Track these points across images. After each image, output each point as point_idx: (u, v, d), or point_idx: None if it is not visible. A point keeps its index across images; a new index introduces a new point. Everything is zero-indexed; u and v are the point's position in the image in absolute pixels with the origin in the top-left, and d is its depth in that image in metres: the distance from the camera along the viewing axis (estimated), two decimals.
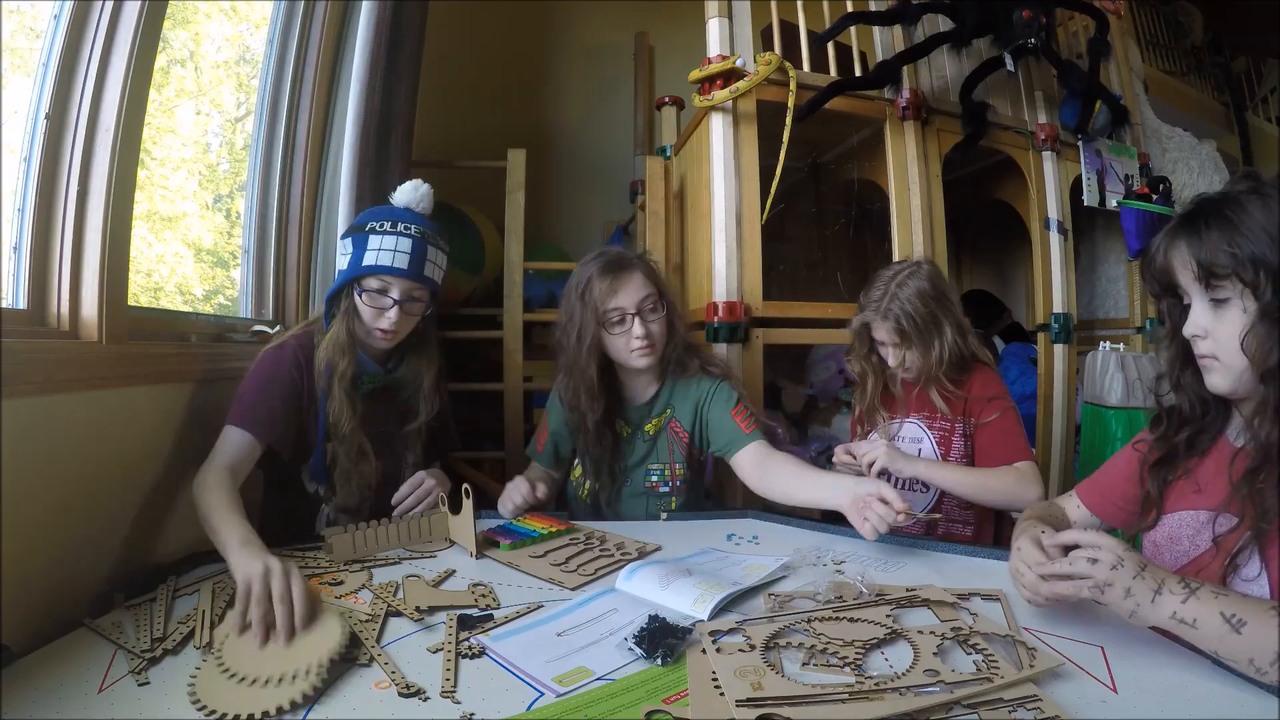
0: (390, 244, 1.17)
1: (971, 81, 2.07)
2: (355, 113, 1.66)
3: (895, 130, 2.04)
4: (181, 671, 0.69)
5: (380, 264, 1.16)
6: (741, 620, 0.78)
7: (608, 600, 0.87)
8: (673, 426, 1.36)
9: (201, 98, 1.66)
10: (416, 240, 1.19)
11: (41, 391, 0.84)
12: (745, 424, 1.29)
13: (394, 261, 1.16)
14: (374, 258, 1.16)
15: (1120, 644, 0.72)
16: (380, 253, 1.16)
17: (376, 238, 1.17)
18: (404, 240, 1.18)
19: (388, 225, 1.18)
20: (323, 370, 1.17)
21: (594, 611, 0.84)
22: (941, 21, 2.09)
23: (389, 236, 1.17)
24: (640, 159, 2.83)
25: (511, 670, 0.69)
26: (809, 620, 0.77)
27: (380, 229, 1.18)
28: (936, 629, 0.74)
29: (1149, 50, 3.28)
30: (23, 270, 0.97)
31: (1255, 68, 3.94)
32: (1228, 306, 0.74)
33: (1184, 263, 0.76)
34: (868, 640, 0.71)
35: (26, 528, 0.79)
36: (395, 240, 1.17)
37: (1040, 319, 2.29)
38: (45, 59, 1.01)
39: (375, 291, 1.18)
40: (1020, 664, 0.66)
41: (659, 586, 0.87)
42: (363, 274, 1.17)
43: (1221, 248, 0.72)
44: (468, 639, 0.76)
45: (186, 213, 1.64)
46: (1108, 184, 2.35)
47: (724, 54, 1.84)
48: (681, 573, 0.90)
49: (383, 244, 1.17)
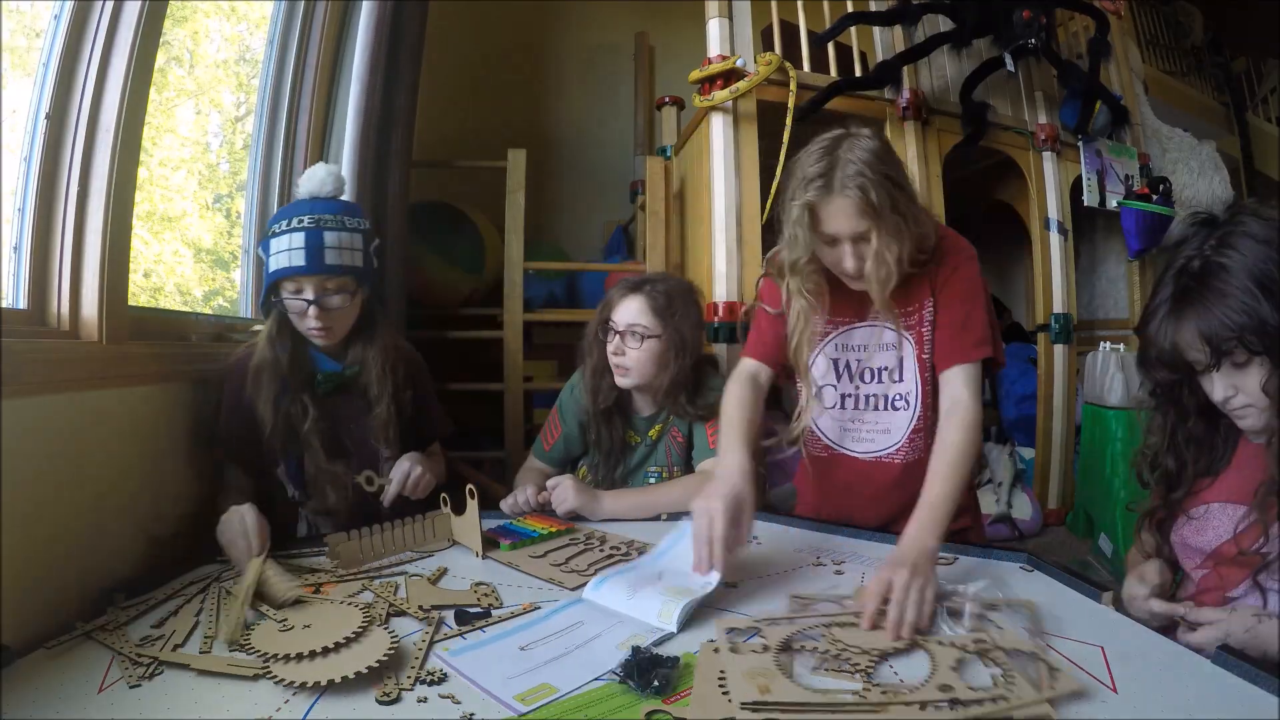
0: (285, 244, 1.12)
1: (971, 81, 2.08)
2: (355, 112, 1.66)
3: (895, 130, 2.04)
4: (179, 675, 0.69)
5: (279, 267, 1.12)
6: (760, 620, 0.76)
7: (575, 611, 0.83)
8: (672, 433, 1.39)
9: (201, 97, 1.66)
10: (310, 232, 1.13)
11: (41, 391, 0.84)
12: (715, 439, 1.28)
13: (291, 261, 1.12)
14: (275, 262, 1.13)
15: (1120, 644, 0.72)
16: (278, 255, 1.13)
17: (276, 240, 1.14)
18: (297, 236, 1.12)
19: (283, 224, 1.14)
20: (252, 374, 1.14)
21: (560, 624, 0.80)
22: (941, 21, 2.10)
23: (283, 236, 1.13)
24: (640, 159, 2.83)
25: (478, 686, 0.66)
26: (828, 625, 0.75)
27: (278, 230, 1.14)
28: (958, 640, 0.71)
29: (1149, 50, 3.28)
30: (23, 270, 0.97)
31: (1255, 68, 3.94)
32: (1248, 366, 0.77)
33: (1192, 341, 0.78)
34: (885, 650, 0.69)
35: (26, 527, 0.79)
36: (289, 239, 1.12)
37: (1040, 319, 2.30)
38: (45, 59, 1.01)
39: (291, 295, 1.14)
40: (1040, 683, 0.63)
41: (626, 596, 0.84)
42: (272, 280, 1.14)
43: (1228, 322, 0.74)
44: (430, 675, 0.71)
45: (186, 212, 1.64)
46: (1108, 184, 2.36)
47: (724, 54, 1.84)
48: (650, 579, 0.87)
49: (280, 246, 1.13)
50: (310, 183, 1.18)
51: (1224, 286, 0.75)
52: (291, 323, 1.16)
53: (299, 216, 1.14)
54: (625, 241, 3.02)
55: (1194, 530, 0.86)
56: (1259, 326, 0.73)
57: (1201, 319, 0.76)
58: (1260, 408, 0.78)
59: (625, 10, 3.22)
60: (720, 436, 1.09)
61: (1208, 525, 0.84)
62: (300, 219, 1.14)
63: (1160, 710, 0.60)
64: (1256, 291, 0.73)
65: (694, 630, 0.78)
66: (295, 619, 0.77)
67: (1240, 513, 0.81)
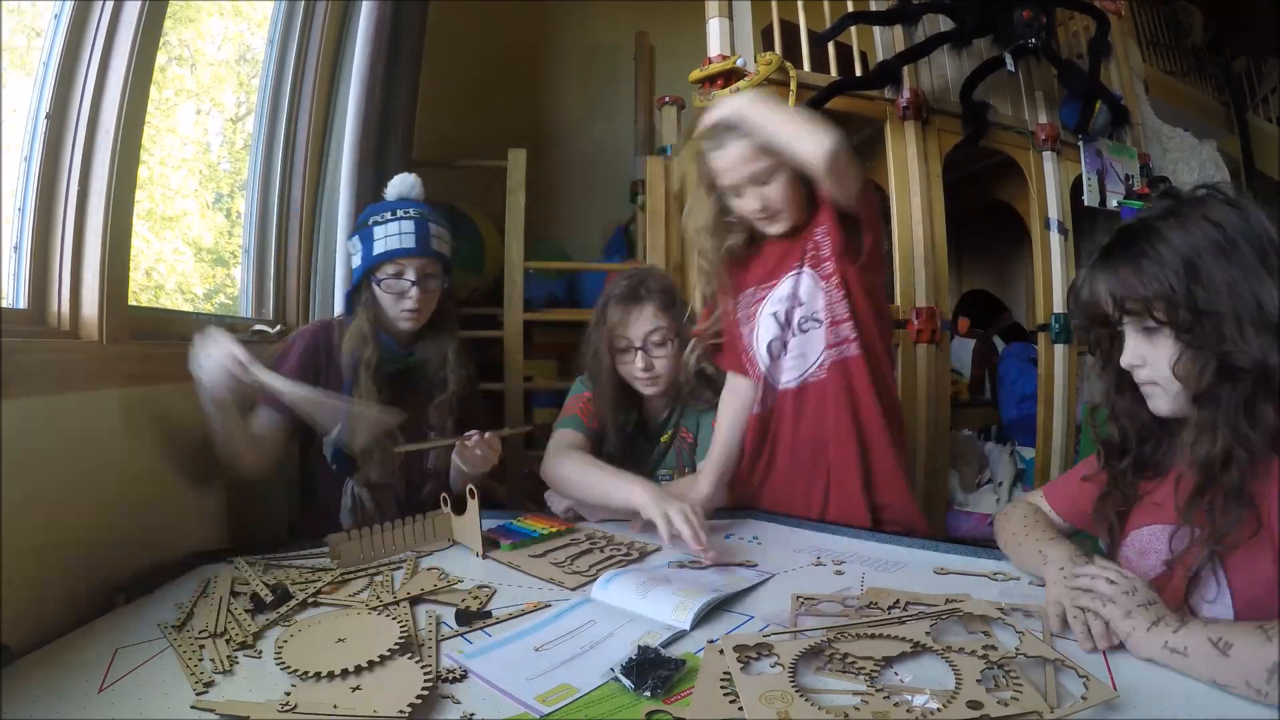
0: (395, 229, 1.24)
1: (972, 81, 2.07)
2: (355, 112, 1.66)
3: (895, 130, 2.04)
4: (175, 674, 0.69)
5: (390, 249, 1.23)
6: (768, 634, 0.73)
7: (585, 611, 0.84)
8: (682, 434, 1.39)
9: (202, 96, 1.66)
10: (418, 221, 1.26)
11: (41, 391, 0.84)
12: None
13: (402, 243, 1.23)
14: (383, 245, 1.23)
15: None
16: (388, 239, 1.23)
17: (380, 228, 1.25)
18: (406, 223, 1.25)
19: (388, 215, 1.26)
20: (348, 362, 1.23)
21: (572, 623, 0.80)
22: (942, 21, 2.09)
23: (391, 223, 1.25)
24: (640, 159, 2.83)
25: (497, 689, 0.66)
26: (839, 637, 0.71)
27: (382, 220, 1.25)
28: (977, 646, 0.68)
29: (1149, 50, 3.28)
30: (23, 270, 0.97)
31: (1255, 68, 3.93)
32: (1159, 333, 0.74)
33: (1102, 299, 0.77)
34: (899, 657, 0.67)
35: (26, 527, 0.79)
36: (399, 225, 1.24)
37: (1040, 319, 2.29)
38: (45, 59, 1.01)
39: (392, 277, 1.24)
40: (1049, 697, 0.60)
41: (637, 595, 0.84)
42: (376, 263, 1.23)
43: (1135, 285, 0.73)
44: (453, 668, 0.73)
45: (187, 211, 1.64)
46: (1108, 184, 2.35)
47: (724, 54, 1.84)
48: (660, 580, 0.87)
49: (388, 231, 1.24)
50: (402, 186, 1.31)
51: (1148, 249, 0.73)
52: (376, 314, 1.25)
53: (402, 209, 1.27)
54: (625, 241, 3.02)
55: (1127, 561, 0.83)
56: (1169, 297, 0.71)
57: (1113, 274, 0.75)
58: (1168, 390, 0.75)
59: (625, 10, 3.22)
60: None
61: (1148, 550, 0.82)
62: (406, 211, 1.27)
63: (1160, 710, 0.60)
64: (1179, 265, 0.71)
65: (705, 629, 0.78)
66: (329, 630, 0.74)
67: (1170, 530, 0.78)
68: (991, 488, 2.23)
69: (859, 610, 0.80)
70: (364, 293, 1.27)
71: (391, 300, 1.25)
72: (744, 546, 1.09)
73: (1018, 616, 0.77)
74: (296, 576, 0.93)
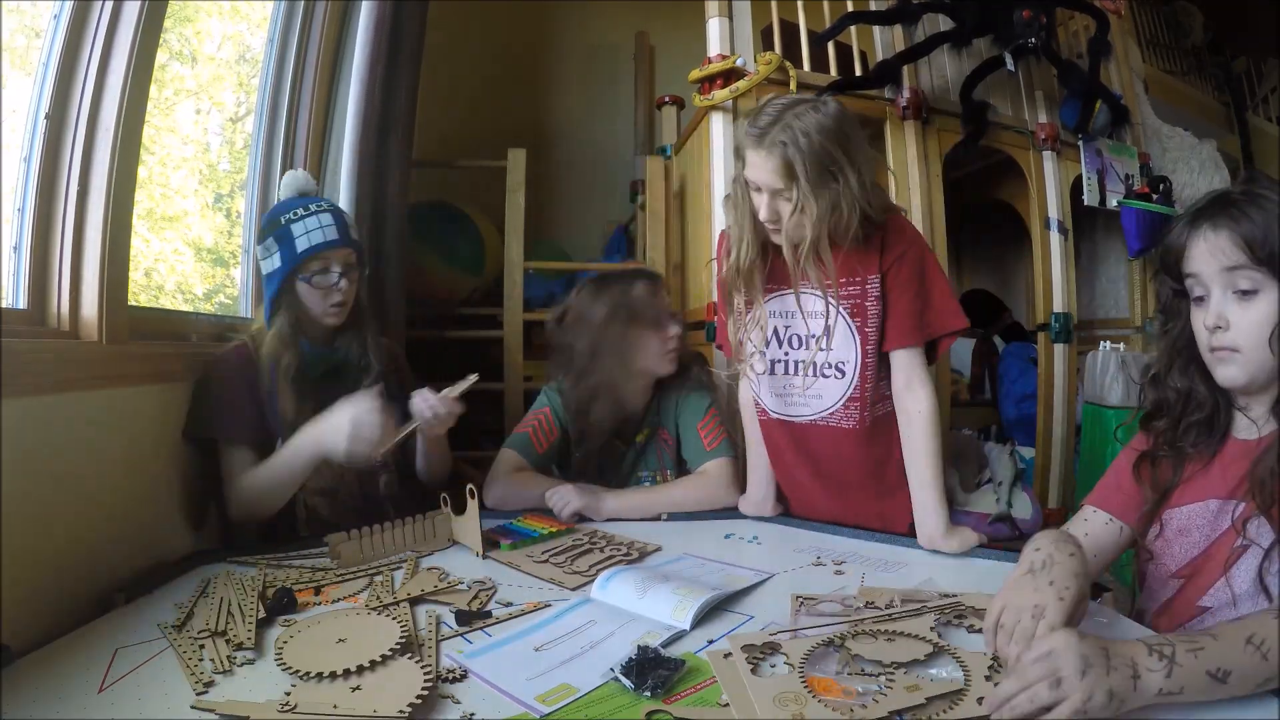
0: (315, 223, 1.20)
1: (972, 81, 2.07)
2: (355, 112, 1.66)
3: (895, 130, 2.04)
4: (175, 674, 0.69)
5: (314, 243, 1.19)
6: (774, 633, 0.74)
7: (585, 611, 0.84)
8: (661, 435, 1.39)
9: (201, 95, 1.66)
10: (334, 212, 1.23)
11: (41, 391, 0.84)
12: (709, 439, 1.33)
13: (325, 236, 1.20)
14: (306, 241, 1.19)
15: None
16: (309, 234, 1.19)
17: (298, 224, 1.20)
18: (324, 215, 1.21)
19: (300, 211, 1.21)
20: (268, 369, 1.18)
21: (572, 623, 0.80)
22: (941, 21, 2.09)
23: (310, 218, 1.20)
24: (640, 159, 2.83)
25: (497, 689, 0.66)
26: (844, 637, 0.71)
27: (297, 216, 1.21)
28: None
29: (1149, 50, 3.28)
30: (23, 270, 0.97)
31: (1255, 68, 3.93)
32: (1254, 299, 0.73)
33: (1210, 250, 0.75)
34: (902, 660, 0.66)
35: (26, 527, 0.79)
36: (317, 219, 1.21)
37: (1040, 319, 2.29)
38: (45, 59, 1.00)
39: (320, 273, 1.21)
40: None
41: (636, 595, 0.84)
42: (301, 260, 1.19)
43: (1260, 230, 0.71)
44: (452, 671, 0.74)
45: (187, 211, 1.63)
46: (1108, 183, 2.35)
47: (724, 53, 1.84)
48: (659, 579, 0.87)
49: (307, 227, 1.20)
50: (299, 182, 1.27)
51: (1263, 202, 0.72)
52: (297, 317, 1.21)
53: (314, 203, 1.23)
54: (625, 241, 3.02)
55: (1166, 541, 0.83)
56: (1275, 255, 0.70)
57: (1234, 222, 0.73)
58: (1249, 358, 0.74)
59: (625, 10, 3.22)
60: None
61: (1190, 527, 0.81)
62: (318, 204, 1.23)
63: (1160, 710, 0.60)
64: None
65: (705, 629, 0.78)
66: (329, 630, 0.74)
67: (1218, 506, 0.78)
68: (991, 487, 2.23)
69: (857, 610, 0.80)
70: (285, 295, 1.21)
71: (319, 297, 1.21)
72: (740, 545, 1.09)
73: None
74: (297, 577, 0.93)
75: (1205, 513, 0.80)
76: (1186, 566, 0.80)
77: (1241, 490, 0.75)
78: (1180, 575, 0.81)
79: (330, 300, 1.22)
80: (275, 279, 1.21)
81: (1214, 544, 0.78)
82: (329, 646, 0.70)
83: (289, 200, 1.25)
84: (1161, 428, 0.85)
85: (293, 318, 1.21)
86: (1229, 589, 0.75)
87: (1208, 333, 0.76)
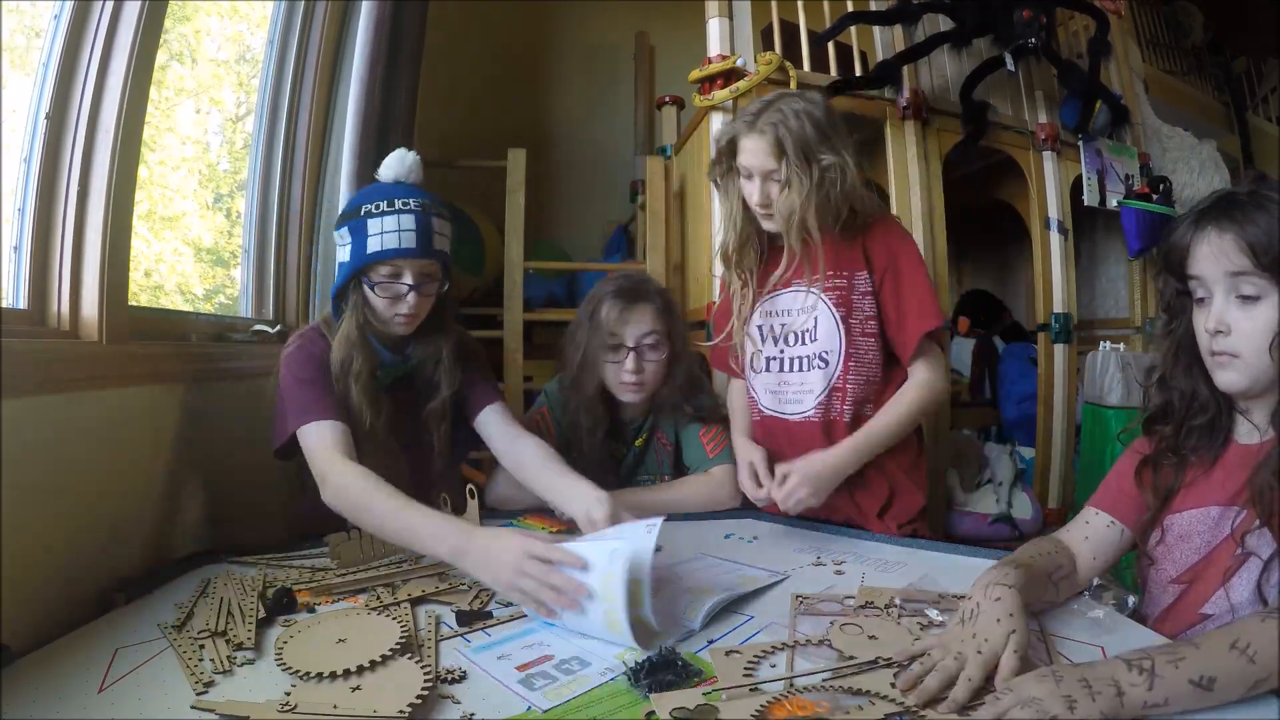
0: (393, 224, 1.07)
1: (972, 81, 2.07)
2: (355, 113, 1.66)
3: (895, 130, 2.04)
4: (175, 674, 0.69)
5: (387, 248, 1.07)
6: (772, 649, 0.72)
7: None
8: (659, 438, 1.38)
9: (201, 96, 1.66)
10: (419, 215, 1.08)
11: (41, 391, 0.84)
12: (712, 446, 1.32)
13: (401, 243, 1.07)
14: (378, 243, 1.07)
15: (1120, 644, 0.72)
16: (384, 236, 1.07)
17: (376, 220, 1.07)
18: (406, 218, 1.07)
19: (384, 205, 1.08)
20: (338, 370, 1.09)
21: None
22: (941, 21, 2.09)
23: (389, 217, 1.07)
24: (640, 159, 2.83)
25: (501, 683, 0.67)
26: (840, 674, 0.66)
27: (377, 211, 1.08)
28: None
29: (1149, 50, 3.28)
30: (23, 270, 0.97)
31: (1255, 68, 3.93)
32: (1256, 305, 0.73)
33: (1215, 253, 0.74)
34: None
35: (26, 527, 0.79)
36: (397, 219, 1.07)
37: (1040, 319, 2.29)
38: (45, 59, 1.00)
39: (388, 279, 1.09)
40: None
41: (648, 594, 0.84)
42: (369, 262, 1.08)
43: (1265, 236, 0.70)
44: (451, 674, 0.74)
45: (186, 212, 1.63)
46: (1108, 184, 2.35)
47: (724, 54, 1.84)
48: (671, 579, 0.88)
49: (385, 226, 1.07)
50: (400, 167, 1.13)
51: (1270, 205, 0.71)
52: (368, 318, 1.11)
53: (402, 199, 1.09)
54: (625, 241, 3.02)
55: (1167, 547, 0.82)
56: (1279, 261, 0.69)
57: (1228, 226, 0.73)
58: (1249, 363, 0.73)
59: (625, 10, 3.22)
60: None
61: (1191, 533, 0.80)
62: (405, 201, 1.08)
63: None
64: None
65: (704, 629, 0.78)
66: (329, 630, 0.74)
67: (1219, 513, 0.78)
68: (991, 488, 2.23)
69: (856, 610, 0.80)
70: (352, 293, 1.11)
71: (386, 304, 1.10)
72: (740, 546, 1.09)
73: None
74: (297, 577, 0.93)
75: (1206, 519, 0.79)
76: (1187, 572, 0.80)
77: (1242, 498, 0.75)
78: (1181, 581, 0.81)
79: (397, 310, 1.11)
80: (341, 273, 1.12)
81: (1215, 550, 0.78)
82: (329, 646, 0.71)
83: (379, 187, 1.13)
84: (1164, 432, 0.84)
85: (360, 319, 1.11)
86: (1227, 599, 0.75)
87: (1208, 336, 0.76)
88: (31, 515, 0.80)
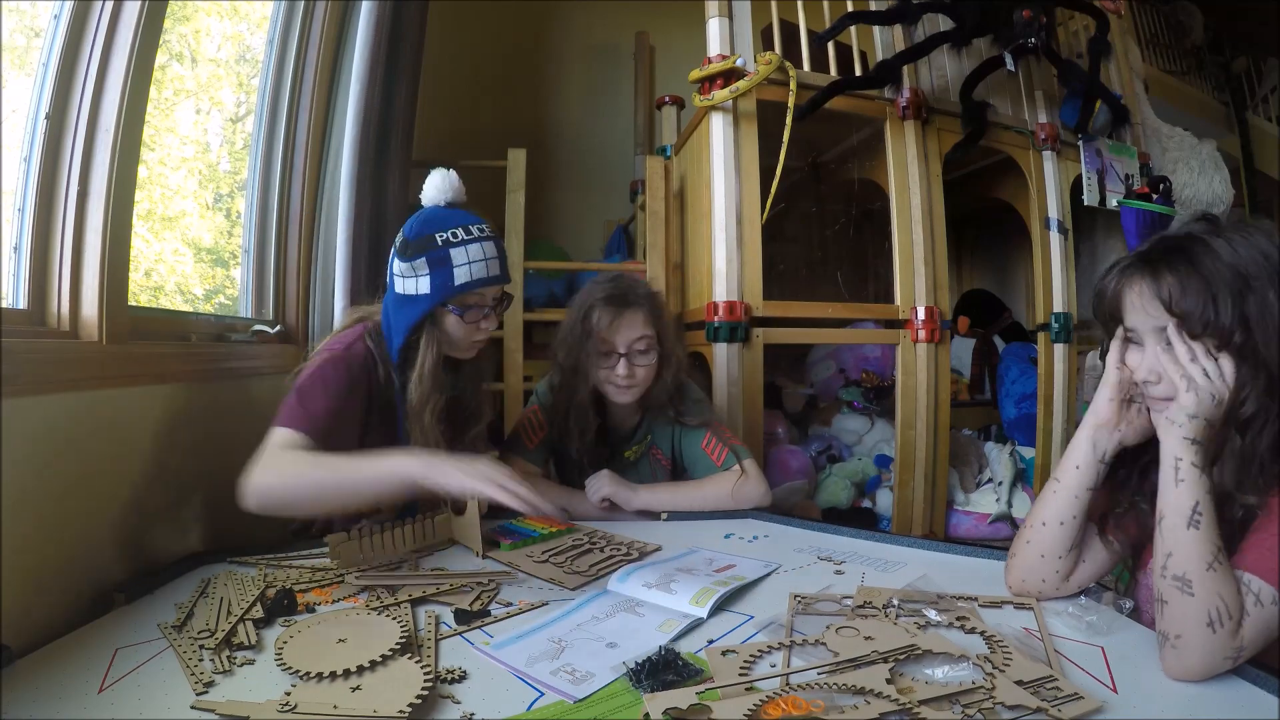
0: (477, 254, 1.07)
1: (971, 81, 2.07)
2: (355, 113, 1.66)
3: (895, 130, 2.04)
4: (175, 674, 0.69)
5: (476, 277, 1.07)
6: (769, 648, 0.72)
7: (603, 603, 0.86)
8: (653, 453, 1.39)
9: (201, 96, 1.66)
10: (496, 241, 1.11)
11: (41, 391, 0.84)
12: (716, 454, 1.33)
13: (489, 271, 1.09)
14: (467, 273, 1.06)
15: (1120, 644, 0.72)
16: (472, 266, 1.07)
17: (459, 250, 1.07)
18: (488, 245, 1.09)
19: (461, 234, 1.08)
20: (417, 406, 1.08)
21: (589, 614, 0.82)
22: (941, 21, 2.09)
23: (472, 245, 1.08)
24: (640, 159, 2.83)
25: (515, 673, 0.68)
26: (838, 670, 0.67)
27: (456, 240, 1.07)
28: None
29: (1149, 50, 3.28)
30: (23, 270, 0.97)
31: (1255, 68, 3.93)
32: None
33: (1139, 302, 0.74)
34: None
35: (26, 527, 0.79)
36: (480, 248, 1.08)
37: (1040, 319, 2.29)
38: (45, 59, 1.00)
39: (474, 306, 1.10)
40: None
41: (656, 587, 0.86)
42: (459, 293, 1.07)
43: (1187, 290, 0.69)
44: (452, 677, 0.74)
45: (186, 212, 1.63)
46: (1108, 183, 2.35)
47: (724, 54, 1.84)
48: (677, 572, 0.91)
49: (471, 255, 1.07)
50: (451, 190, 1.13)
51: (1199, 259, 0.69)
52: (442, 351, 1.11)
53: (475, 225, 1.10)
54: (625, 241, 3.02)
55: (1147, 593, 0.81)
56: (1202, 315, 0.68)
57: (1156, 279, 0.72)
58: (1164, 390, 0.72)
59: (625, 10, 3.22)
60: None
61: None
62: (480, 228, 1.10)
63: (1160, 710, 0.60)
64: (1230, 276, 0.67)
65: (704, 628, 0.79)
66: (329, 630, 0.75)
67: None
68: (991, 487, 2.23)
69: (854, 610, 0.80)
70: (430, 324, 1.09)
71: (468, 330, 1.10)
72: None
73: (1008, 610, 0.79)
74: (298, 577, 0.93)
75: None
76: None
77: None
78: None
79: (475, 337, 1.13)
80: (420, 305, 1.08)
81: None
82: (329, 646, 0.71)
83: (443, 213, 1.11)
84: (1121, 478, 0.82)
85: (438, 354, 1.09)
86: None
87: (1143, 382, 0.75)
88: (31, 515, 0.80)
